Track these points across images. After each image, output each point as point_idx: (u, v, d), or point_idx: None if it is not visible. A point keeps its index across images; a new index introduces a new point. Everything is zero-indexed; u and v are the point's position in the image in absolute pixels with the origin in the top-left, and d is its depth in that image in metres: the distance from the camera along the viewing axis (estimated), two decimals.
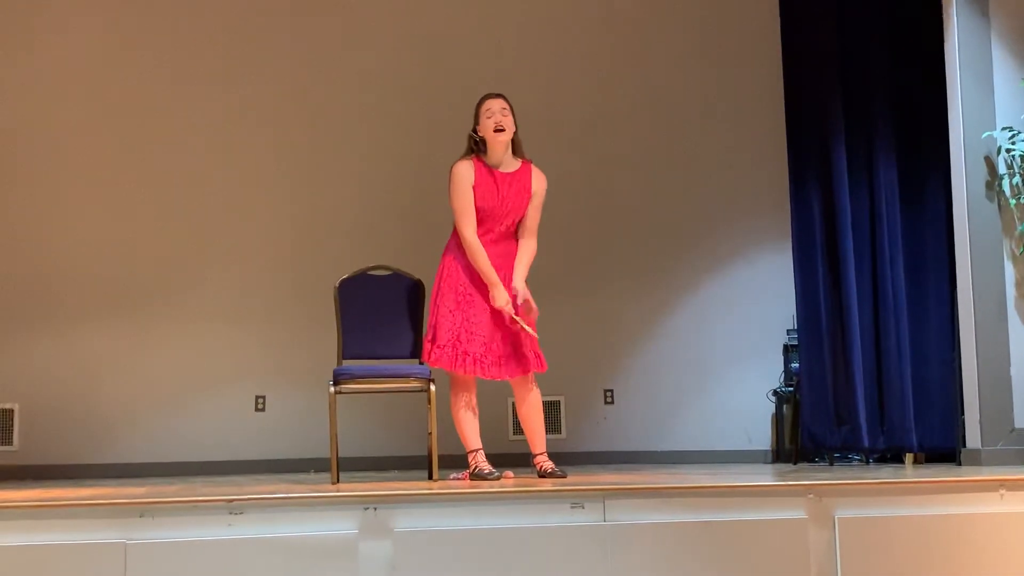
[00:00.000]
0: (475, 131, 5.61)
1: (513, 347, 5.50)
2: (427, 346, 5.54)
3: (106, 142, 7.92)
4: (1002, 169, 6.22)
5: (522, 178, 5.61)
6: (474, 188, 5.53)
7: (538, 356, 5.54)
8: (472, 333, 5.46)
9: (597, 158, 8.27)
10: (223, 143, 8.03)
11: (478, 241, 5.51)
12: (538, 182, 5.64)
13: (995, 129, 6.24)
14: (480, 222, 5.54)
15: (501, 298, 5.45)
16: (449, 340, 5.45)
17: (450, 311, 5.49)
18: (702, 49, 8.37)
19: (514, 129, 5.58)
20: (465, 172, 5.56)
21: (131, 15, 8.02)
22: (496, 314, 5.48)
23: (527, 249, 5.62)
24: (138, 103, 7.95)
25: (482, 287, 5.51)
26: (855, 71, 7.08)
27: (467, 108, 5.73)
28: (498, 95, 5.61)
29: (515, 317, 5.46)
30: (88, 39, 7.97)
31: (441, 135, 8.00)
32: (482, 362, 5.44)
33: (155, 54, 8.01)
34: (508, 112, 5.56)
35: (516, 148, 5.63)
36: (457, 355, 5.43)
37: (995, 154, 6.24)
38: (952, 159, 6.36)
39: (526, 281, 5.58)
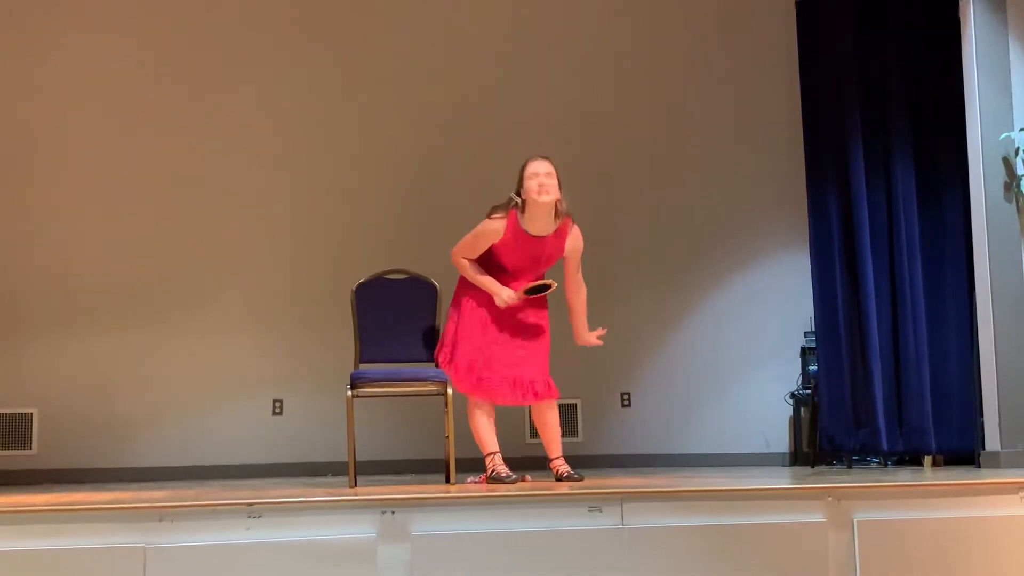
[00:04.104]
0: (518, 193, 5.50)
1: (526, 374, 5.52)
2: (443, 356, 5.60)
3: (126, 149, 7.95)
4: (1020, 170, 6.19)
5: (556, 240, 5.56)
6: (499, 247, 5.53)
7: (549, 384, 5.57)
8: (490, 359, 5.50)
9: (614, 161, 8.27)
10: (242, 150, 8.05)
11: (467, 261, 5.56)
12: (573, 241, 5.60)
13: (1013, 130, 6.22)
14: (504, 274, 5.57)
15: (504, 293, 5.47)
16: (465, 364, 5.50)
17: (468, 335, 5.53)
18: (719, 53, 8.36)
19: (558, 195, 5.46)
20: (493, 230, 5.51)
21: (148, 20, 8.04)
22: (510, 341, 5.51)
23: (579, 300, 5.71)
24: (156, 110, 7.98)
25: (499, 314, 5.53)
26: (872, 73, 7.06)
27: (484, 110, 5.73)
28: (544, 157, 5.52)
29: (524, 292, 5.48)
30: (108, 44, 8.00)
31: (458, 139, 8.03)
32: (499, 389, 5.49)
33: (172, 58, 8.04)
34: (553, 176, 5.46)
35: (557, 212, 5.52)
36: (473, 380, 5.50)
37: (1013, 155, 6.22)
38: (970, 160, 6.34)
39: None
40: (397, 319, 5.93)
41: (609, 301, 8.11)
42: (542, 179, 5.42)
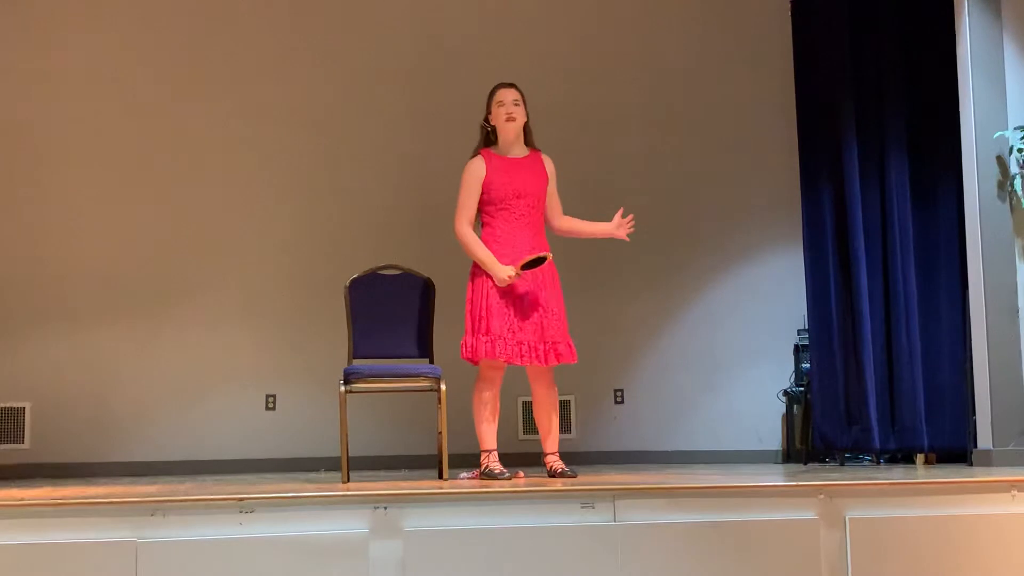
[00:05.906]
0: (487, 120, 5.67)
1: (549, 336, 5.49)
2: (472, 339, 5.45)
3: (121, 144, 7.94)
4: (1014, 169, 6.20)
5: (534, 163, 5.68)
6: (489, 180, 5.55)
7: (569, 346, 5.55)
8: (523, 322, 5.46)
9: (606, 157, 8.26)
10: (235, 145, 8.04)
11: (471, 233, 5.55)
12: (549, 165, 5.74)
13: (1007, 129, 6.22)
14: (506, 207, 5.56)
15: (503, 272, 5.41)
16: (507, 330, 5.41)
17: (499, 302, 5.45)
18: (714, 49, 8.36)
19: (525, 119, 5.65)
20: (476, 169, 5.60)
21: (146, 17, 8.04)
22: (529, 304, 5.47)
23: (574, 220, 5.81)
24: (153, 105, 7.97)
25: (512, 286, 5.50)
26: (867, 71, 7.07)
27: (477, 107, 5.75)
28: (510, 85, 5.68)
29: (519, 271, 5.41)
30: (104, 41, 7.99)
31: (451, 134, 8.01)
32: (536, 350, 5.44)
33: (169, 56, 8.03)
34: (520, 102, 5.64)
35: (527, 137, 5.71)
36: (510, 344, 5.41)
37: (1007, 154, 6.22)
38: (964, 159, 6.35)
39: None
40: (391, 315, 5.93)
41: (603, 298, 8.12)
42: (509, 107, 5.60)
